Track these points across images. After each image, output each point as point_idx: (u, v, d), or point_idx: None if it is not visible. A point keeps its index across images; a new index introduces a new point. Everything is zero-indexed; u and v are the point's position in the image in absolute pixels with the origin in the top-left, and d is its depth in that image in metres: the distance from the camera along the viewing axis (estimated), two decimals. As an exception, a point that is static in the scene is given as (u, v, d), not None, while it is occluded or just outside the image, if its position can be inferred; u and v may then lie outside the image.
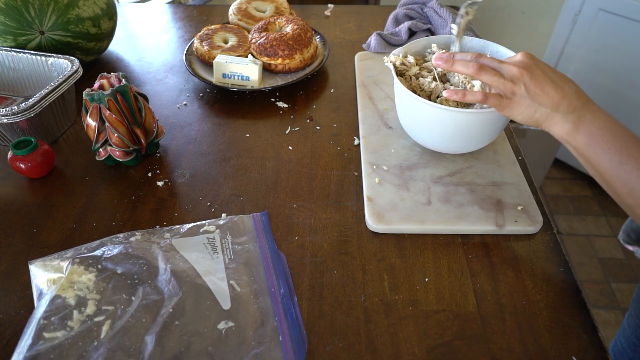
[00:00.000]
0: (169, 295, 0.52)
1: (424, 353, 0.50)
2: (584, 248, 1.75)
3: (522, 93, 0.53)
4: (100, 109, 0.68)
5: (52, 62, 0.82)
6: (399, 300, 0.55)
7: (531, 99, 0.53)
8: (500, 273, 0.58)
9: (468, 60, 0.57)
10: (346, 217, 0.65)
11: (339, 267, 0.59)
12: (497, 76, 0.54)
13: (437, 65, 0.59)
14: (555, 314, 0.54)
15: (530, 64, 0.53)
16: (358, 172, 0.72)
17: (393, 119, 0.80)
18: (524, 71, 0.53)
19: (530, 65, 0.53)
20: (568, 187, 1.99)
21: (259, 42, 0.92)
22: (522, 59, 0.54)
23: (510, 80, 0.54)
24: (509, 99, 0.55)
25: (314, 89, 0.92)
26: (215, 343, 0.49)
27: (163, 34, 1.13)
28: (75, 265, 0.54)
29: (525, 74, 0.53)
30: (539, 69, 0.53)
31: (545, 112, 0.53)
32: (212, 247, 0.59)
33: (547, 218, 0.65)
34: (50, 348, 0.47)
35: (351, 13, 1.23)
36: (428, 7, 1.04)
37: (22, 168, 0.69)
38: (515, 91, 0.54)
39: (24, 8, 0.83)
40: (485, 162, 0.72)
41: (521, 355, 0.50)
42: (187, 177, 0.72)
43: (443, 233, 0.63)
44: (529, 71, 0.53)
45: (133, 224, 0.65)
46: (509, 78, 0.54)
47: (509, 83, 0.54)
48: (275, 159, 0.75)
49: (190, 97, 0.90)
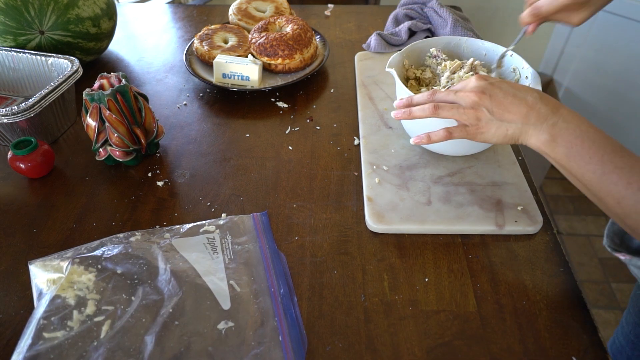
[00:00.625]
0: (168, 295, 0.52)
1: (424, 353, 0.50)
2: (584, 248, 1.75)
3: (487, 116, 0.52)
4: (100, 109, 0.68)
5: (52, 62, 0.82)
6: (399, 300, 0.55)
7: (497, 119, 0.52)
8: (500, 273, 0.58)
9: (424, 101, 0.57)
10: (346, 217, 0.65)
11: (339, 267, 0.59)
12: (455, 108, 0.54)
13: (397, 118, 0.59)
14: (555, 314, 0.54)
15: (486, 86, 0.53)
16: (358, 172, 0.72)
17: (393, 119, 0.80)
18: (482, 95, 0.52)
19: (485, 87, 0.53)
20: (568, 187, 1.99)
21: (259, 42, 0.92)
22: (476, 83, 0.54)
23: (471, 108, 0.53)
24: (475, 125, 0.54)
25: (314, 89, 0.92)
26: (215, 343, 0.49)
27: (163, 34, 1.13)
28: (75, 265, 0.54)
29: (483, 97, 0.52)
30: (496, 88, 0.52)
31: (517, 128, 0.52)
32: (212, 247, 0.59)
33: (547, 218, 0.65)
34: (50, 348, 0.47)
35: (351, 13, 1.23)
36: (428, 7, 1.04)
37: (22, 168, 0.69)
38: (479, 116, 0.53)
39: (23, 8, 0.83)
40: (485, 162, 0.72)
41: (521, 355, 0.50)
42: (187, 177, 0.72)
43: (443, 233, 0.63)
44: (486, 93, 0.52)
45: (133, 224, 0.65)
46: (469, 106, 0.53)
47: (470, 110, 0.53)
48: (275, 159, 0.75)
49: (190, 97, 0.90)
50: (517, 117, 0.51)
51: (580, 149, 0.48)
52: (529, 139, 0.52)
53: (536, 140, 0.52)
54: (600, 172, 0.47)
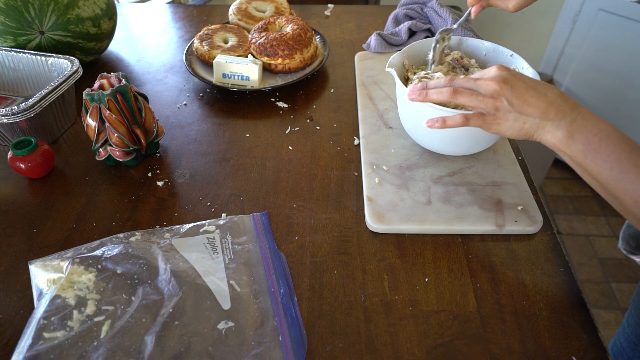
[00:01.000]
0: (169, 295, 0.52)
1: (424, 353, 0.50)
2: (584, 248, 1.75)
3: (506, 107, 0.51)
4: (100, 109, 0.68)
5: (52, 62, 0.82)
6: (399, 300, 0.55)
7: (516, 111, 0.51)
8: (500, 273, 0.58)
9: (442, 85, 0.55)
10: (346, 217, 0.65)
11: (339, 267, 0.59)
12: (475, 95, 0.52)
13: (412, 99, 0.58)
14: (555, 314, 0.54)
15: (508, 76, 0.51)
16: (358, 172, 0.72)
17: (393, 119, 0.80)
18: (503, 84, 0.51)
19: (507, 77, 0.51)
20: (568, 187, 1.99)
21: (259, 42, 0.92)
22: (498, 72, 0.52)
23: (490, 97, 0.51)
24: (492, 115, 0.52)
25: (314, 89, 0.92)
26: (215, 343, 0.49)
27: (163, 34, 1.13)
28: (75, 265, 0.54)
29: (504, 87, 0.51)
30: (518, 80, 0.51)
31: (535, 122, 0.51)
32: (212, 247, 0.59)
33: (547, 218, 0.65)
34: (50, 348, 0.47)
35: (351, 13, 1.23)
36: (428, 7, 1.04)
37: (22, 168, 0.69)
38: (497, 106, 0.51)
39: (24, 8, 0.83)
40: (485, 162, 0.72)
41: (521, 355, 0.50)
42: (187, 177, 0.72)
43: (443, 233, 0.63)
44: (508, 83, 0.51)
45: (133, 224, 0.65)
46: (489, 94, 0.51)
47: (490, 99, 0.51)
48: (275, 159, 0.75)
49: (190, 97, 0.90)
50: (537, 111, 0.50)
51: (598, 146, 0.47)
52: (545, 135, 0.51)
53: (552, 137, 0.50)
54: (617, 170, 0.46)
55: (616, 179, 0.46)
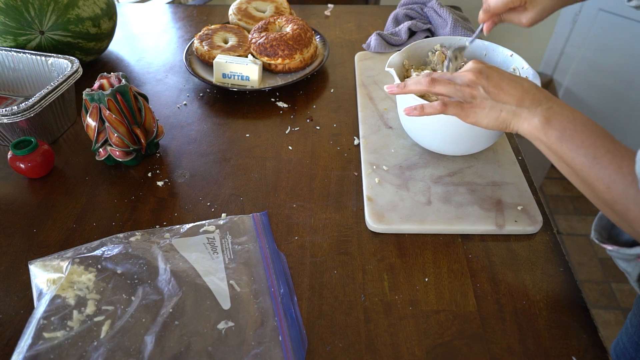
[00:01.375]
0: (168, 295, 0.52)
1: (423, 353, 0.50)
2: (584, 248, 1.75)
3: (482, 94, 0.53)
4: (100, 109, 0.68)
5: (52, 62, 0.82)
6: (399, 300, 0.55)
7: (493, 99, 0.53)
8: (500, 273, 0.58)
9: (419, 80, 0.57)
10: (346, 217, 0.65)
11: (338, 267, 0.59)
12: (451, 84, 0.54)
13: (391, 92, 0.59)
14: (555, 314, 0.54)
15: (483, 68, 0.53)
16: (358, 172, 0.72)
17: (393, 119, 0.80)
18: (478, 74, 0.53)
19: (482, 68, 0.53)
20: (568, 187, 1.99)
21: (259, 42, 0.92)
22: (473, 65, 0.54)
23: (467, 85, 0.53)
24: (469, 103, 0.54)
25: (314, 89, 0.92)
26: (215, 343, 0.49)
27: (163, 34, 1.13)
28: (75, 265, 0.54)
29: (480, 77, 0.53)
30: (493, 71, 0.53)
31: (511, 110, 0.52)
32: (212, 247, 0.59)
33: (547, 218, 0.65)
34: (50, 348, 0.47)
35: (351, 13, 1.23)
36: (428, 7, 1.04)
37: (22, 168, 0.69)
38: (474, 94, 0.53)
39: (24, 8, 0.83)
40: (485, 162, 0.72)
41: (521, 355, 0.50)
42: (187, 177, 0.72)
43: (443, 233, 0.63)
44: (483, 73, 0.53)
45: (133, 224, 0.65)
46: (465, 84, 0.53)
47: (466, 87, 0.53)
48: (275, 159, 0.75)
49: (190, 97, 0.90)
50: (512, 99, 0.52)
51: (574, 132, 0.48)
52: (522, 123, 0.52)
53: (528, 124, 0.52)
54: (592, 156, 0.47)
55: (590, 164, 0.47)
